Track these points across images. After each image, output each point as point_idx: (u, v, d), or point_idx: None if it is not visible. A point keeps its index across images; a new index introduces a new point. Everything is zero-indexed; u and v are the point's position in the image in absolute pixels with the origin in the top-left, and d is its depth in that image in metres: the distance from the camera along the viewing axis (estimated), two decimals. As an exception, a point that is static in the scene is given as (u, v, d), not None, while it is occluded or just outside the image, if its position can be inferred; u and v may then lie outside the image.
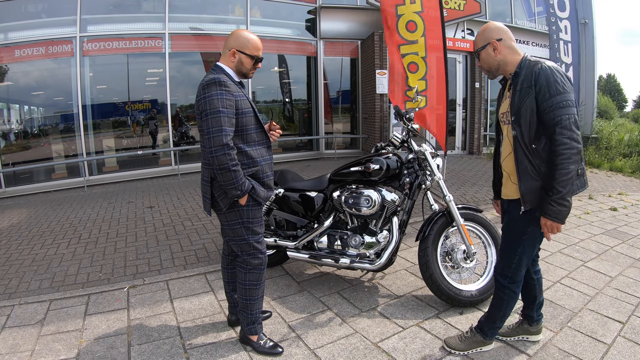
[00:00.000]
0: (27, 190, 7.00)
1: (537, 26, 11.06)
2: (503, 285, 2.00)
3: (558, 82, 1.70)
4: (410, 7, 5.12)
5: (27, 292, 3.02)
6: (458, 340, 2.12)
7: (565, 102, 1.68)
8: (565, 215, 1.73)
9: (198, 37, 8.48)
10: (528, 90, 1.75)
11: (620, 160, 8.19)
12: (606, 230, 4.13)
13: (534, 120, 1.75)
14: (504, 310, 2.03)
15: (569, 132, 1.67)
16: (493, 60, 1.89)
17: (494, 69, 1.91)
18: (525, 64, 1.81)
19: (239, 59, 2.02)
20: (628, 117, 22.14)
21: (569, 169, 1.67)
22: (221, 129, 1.86)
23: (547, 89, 1.70)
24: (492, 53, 1.87)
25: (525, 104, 1.76)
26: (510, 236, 1.96)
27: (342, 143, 10.34)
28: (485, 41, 1.89)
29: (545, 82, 1.70)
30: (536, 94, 1.73)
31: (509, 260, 1.96)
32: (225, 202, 2.01)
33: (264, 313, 2.49)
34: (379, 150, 2.91)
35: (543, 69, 1.73)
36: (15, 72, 7.33)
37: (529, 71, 1.77)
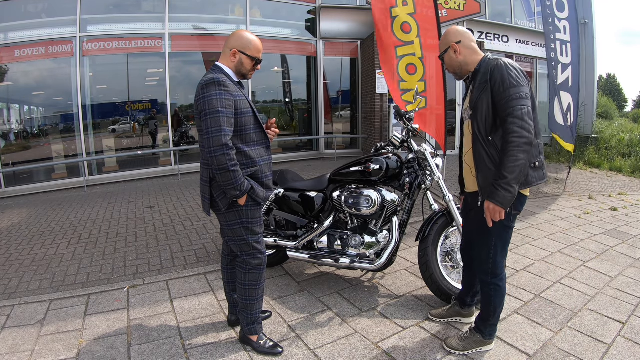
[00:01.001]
0: (27, 190, 7.00)
1: (537, 26, 11.06)
2: (485, 281, 2.06)
3: (512, 76, 1.78)
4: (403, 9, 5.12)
5: (27, 292, 3.02)
6: (458, 340, 2.13)
7: (518, 94, 1.76)
8: (509, 201, 1.79)
9: (198, 37, 8.48)
10: (484, 85, 1.85)
11: (620, 160, 8.19)
12: (606, 230, 4.13)
13: (490, 113, 1.84)
14: (494, 306, 2.06)
15: (520, 121, 1.73)
16: (455, 62, 2.01)
17: (457, 70, 2.03)
18: (484, 62, 1.92)
19: (239, 60, 2.02)
20: (628, 117, 22.13)
21: (517, 157, 1.73)
22: (220, 129, 1.85)
23: (502, 82, 1.78)
24: (454, 55, 2.00)
25: (481, 98, 1.85)
26: (481, 231, 2.00)
27: (342, 143, 10.34)
28: (446, 45, 2.02)
29: (499, 77, 1.79)
30: (492, 88, 1.82)
31: (485, 256, 2.02)
32: (225, 203, 2.00)
33: (264, 313, 2.49)
34: (379, 150, 2.91)
35: (498, 64, 1.83)
36: (15, 72, 7.33)
37: (485, 68, 1.88)
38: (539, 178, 1.89)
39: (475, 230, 2.07)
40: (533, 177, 1.87)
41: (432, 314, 2.45)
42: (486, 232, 1.96)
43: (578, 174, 7.34)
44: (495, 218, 1.84)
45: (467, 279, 2.33)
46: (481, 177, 1.90)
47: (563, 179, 6.44)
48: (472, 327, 2.16)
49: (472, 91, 1.93)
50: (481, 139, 1.88)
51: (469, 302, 2.35)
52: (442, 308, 2.46)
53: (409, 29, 5.16)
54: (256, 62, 2.07)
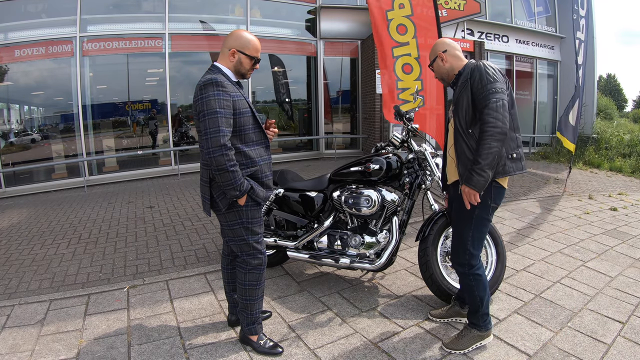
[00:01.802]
0: (27, 190, 7.00)
1: (537, 26, 11.07)
2: (463, 273, 2.12)
3: (489, 73, 1.94)
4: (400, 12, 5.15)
5: (27, 292, 3.02)
6: (456, 340, 2.13)
7: (494, 88, 1.90)
8: (483, 185, 1.93)
9: (198, 37, 8.48)
10: (465, 83, 2.01)
11: (620, 160, 8.19)
12: (606, 230, 4.13)
13: (470, 109, 1.99)
14: (479, 295, 2.09)
15: (494, 112, 1.87)
16: (442, 69, 2.17)
17: (445, 77, 2.19)
18: (467, 66, 2.08)
19: (238, 59, 2.02)
20: (628, 117, 22.14)
21: (490, 145, 1.87)
22: (219, 129, 1.85)
23: (480, 79, 1.94)
24: (441, 63, 2.17)
25: (462, 95, 2.01)
26: (459, 222, 2.12)
27: (342, 143, 10.34)
28: (434, 55, 2.21)
29: (478, 75, 1.95)
30: (471, 86, 1.97)
31: (462, 248, 2.10)
32: (224, 203, 2.00)
33: (264, 313, 2.49)
34: (379, 150, 2.91)
35: (477, 65, 2.00)
36: (15, 72, 7.33)
37: (467, 70, 2.05)
38: (517, 169, 2.02)
39: (455, 222, 2.19)
40: (511, 167, 2.00)
41: (432, 314, 2.46)
42: (463, 223, 2.08)
43: (578, 174, 7.34)
44: (471, 201, 1.98)
45: None
46: (461, 166, 2.04)
47: (563, 179, 6.44)
48: (466, 324, 2.18)
49: (455, 91, 2.10)
50: (462, 131, 2.03)
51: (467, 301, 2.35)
52: (442, 308, 2.47)
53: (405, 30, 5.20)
54: (255, 61, 2.06)
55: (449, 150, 2.22)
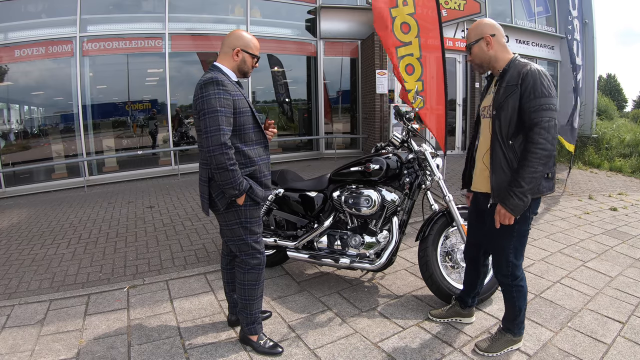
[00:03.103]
0: (27, 190, 7.00)
1: (537, 26, 11.06)
2: (506, 284, 2.04)
3: (544, 85, 1.76)
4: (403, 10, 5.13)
5: (27, 292, 3.02)
6: (490, 342, 2.11)
7: (548, 105, 1.74)
8: (521, 210, 1.81)
9: (198, 37, 8.47)
10: (513, 88, 1.81)
11: (620, 160, 8.19)
12: (606, 230, 4.13)
13: (515, 118, 1.82)
14: (519, 306, 2.05)
15: (546, 133, 1.72)
16: (485, 55, 1.94)
17: (485, 64, 1.97)
18: (514, 64, 1.88)
19: (242, 58, 2.03)
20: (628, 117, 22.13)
21: (536, 169, 1.74)
22: (219, 128, 1.86)
23: (533, 90, 1.76)
24: (485, 48, 1.93)
25: (508, 101, 1.82)
26: (499, 236, 1.98)
27: (342, 143, 10.33)
28: (478, 35, 1.94)
29: (531, 84, 1.76)
30: (521, 94, 1.79)
31: (504, 260, 2.00)
32: (223, 202, 2.01)
33: (264, 313, 2.49)
34: (379, 150, 2.91)
35: (531, 70, 1.79)
36: (15, 72, 7.32)
37: (516, 70, 1.84)
38: (548, 188, 1.90)
39: (491, 233, 2.01)
40: (544, 187, 1.87)
41: (432, 314, 2.45)
42: (504, 235, 1.94)
43: (578, 174, 7.34)
44: (504, 222, 1.86)
45: (469, 279, 2.32)
46: (495, 179, 1.89)
47: (563, 179, 6.44)
48: (501, 328, 2.14)
49: (497, 91, 1.89)
50: (501, 140, 1.86)
51: (470, 303, 2.35)
52: (442, 308, 2.46)
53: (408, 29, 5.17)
54: (256, 59, 2.10)
55: (482, 156, 2.03)
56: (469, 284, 2.33)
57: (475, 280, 2.30)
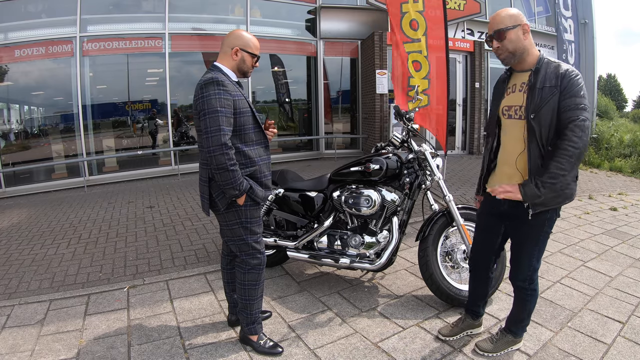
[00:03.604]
0: (27, 190, 7.00)
1: (537, 26, 11.06)
2: (523, 288, 2.00)
3: (581, 86, 1.71)
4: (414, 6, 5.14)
5: (27, 292, 3.02)
6: (490, 343, 2.10)
7: (583, 105, 1.68)
8: (530, 200, 1.75)
9: (198, 37, 8.47)
10: (552, 90, 1.73)
11: (620, 161, 8.19)
12: (606, 230, 4.13)
13: (554, 122, 1.74)
14: (529, 309, 2.05)
15: (580, 132, 1.66)
16: (520, 43, 1.81)
17: (518, 53, 1.82)
18: (545, 62, 1.79)
19: (241, 57, 2.03)
20: (628, 117, 22.15)
21: (565, 166, 1.67)
22: (219, 128, 1.86)
23: (570, 89, 1.70)
24: (522, 36, 1.80)
25: (549, 104, 1.73)
26: (524, 240, 1.93)
27: (342, 143, 10.33)
28: (516, 22, 1.80)
29: (569, 83, 1.70)
30: (560, 94, 1.72)
31: (527, 264, 1.95)
32: (223, 203, 2.01)
33: (264, 313, 2.49)
34: (379, 150, 2.91)
35: (568, 70, 1.74)
36: (15, 72, 7.32)
37: (551, 71, 1.76)
38: (575, 189, 1.85)
39: (518, 238, 1.97)
40: (574, 189, 1.81)
41: (442, 334, 2.25)
42: (532, 238, 1.90)
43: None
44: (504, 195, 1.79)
45: (480, 288, 2.21)
46: None
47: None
48: (502, 329, 2.12)
49: (531, 91, 1.78)
50: (540, 146, 1.77)
51: (481, 312, 2.26)
52: (450, 324, 2.31)
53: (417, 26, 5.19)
54: (256, 59, 2.09)
55: (513, 160, 1.89)
56: (480, 292, 2.22)
57: (487, 287, 2.21)
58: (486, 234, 2.13)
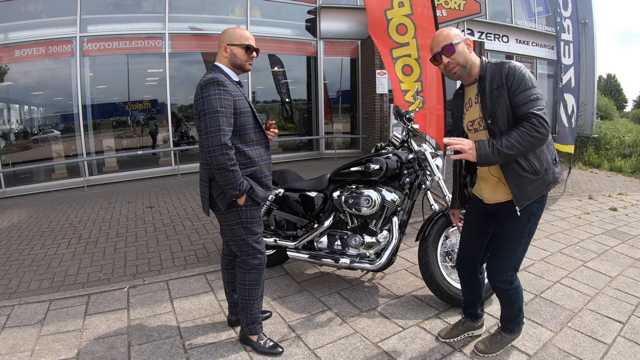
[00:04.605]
0: (27, 190, 7.00)
1: (537, 26, 11.06)
2: (504, 289, 1.98)
3: (526, 77, 1.74)
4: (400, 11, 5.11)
5: (27, 292, 3.02)
6: (488, 344, 2.09)
7: (535, 95, 1.72)
8: (483, 162, 1.74)
9: (198, 37, 8.48)
10: (500, 90, 1.77)
11: (620, 161, 8.19)
12: (606, 230, 4.13)
13: (511, 118, 1.77)
14: (519, 306, 2.03)
15: (539, 119, 1.67)
16: (468, 56, 1.88)
17: (468, 65, 1.88)
18: (488, 67, 1.84)
19: (230, 52, 2.03)
20: (628, 117, 22.16)
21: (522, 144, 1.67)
22: (219, 128, 1.86)
23: (518, 85, 1.73)
24: (467, 49, 1.89)
25: (500, 105, 1.77)
26: (508, 241, 1.93)
27: (342, 143, 10.34)
28: (460, 37, 1.90)
29: (515, 79, 1.74)
30: (508, 92, 1.75)
31: (507, 264, 1.95)
32: (224, 203, 2.01)
33: (264, 313, 2.49)
34: (379, 150, 2.91)
35: (511, 66, 1.77)
36: (15, 72, 7.32)
37: (495, 72, 1.80)
38: (559, 172, 1.87)
39: (502, 236, 1.97)
40: (557, 172, 1.85)
41: (442, 336, 2.24)
42: (516, 235, 1.90)
43: (578, 174, 7.34)
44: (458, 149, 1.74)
45: (474, 291, 2.21)
46: (514, 185, 1.82)
47: (563, 179, 6.44)
48: (499, 329, 2.12)
49: (482, 100, 1.83)
50: None
51: (480, 313, 2.25)
52: (450, 326, 2.29)
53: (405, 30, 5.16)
54: (247, 49, 2.03)
55: (489, 169, 1.93)
56: (474, 295, 2.21)
57: (479, 290, 2.21)
58: (472, 234, 2.12)
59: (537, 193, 1.82)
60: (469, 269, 2.14)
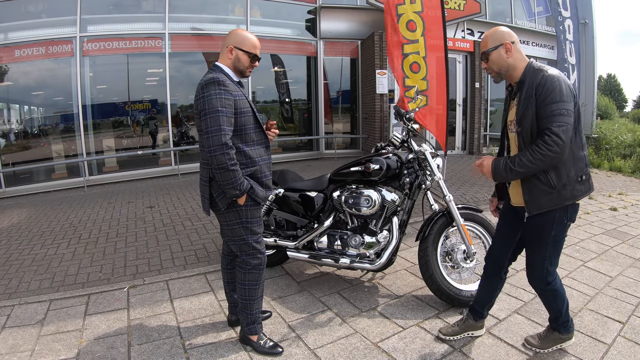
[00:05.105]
0: (27, 190, 7.00)
1: (537, 26, 11.06)
2: (541, 289, 2.04)
3: (556, 90, 1.71)
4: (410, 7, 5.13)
5: (27, 292, 3.02)
6: (539, 340, 2.12)
7: (560, 110, 1.70)
8: (499, 178, 1.87)
9: (198, 37, 8.47)
10: (530, 99, 1.77)
11: (620, 161, 8.19)
12: (606, 230, 4.13)
13: (535, 129, 1.78)
14: (558, 308, 2.05)
15: (555, 137, 1.68)
16: (504, 62, 1.88)
17: (503, 71, 1.91)
18: (530, 71, 1.82)
19: (236, 56, 2.02)
20: (628, 117, 22.16)
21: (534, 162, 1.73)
22: (220, 128, 1.86)
23: (545, 97, 1.72)
24: (505, 55, 1.87)
25: (526, 114, 1.78)
26: (535, 243, 1.97)
27: (342, 143, 10.33)
28: (497, 42, 1.88)
29: (544, 91, 1.73)
30: (536, 103, 1.75)
31: (538, 267, 1.98)
32: (224, 202, 2.01)
33: (264, 313, 2.49)
34: (379, 150, 2.91)
35: (543, 77, 1.75)
36: (15, 72, 7.32)
37: (532, 79, 1.79)
38: (585, 191, 1.88)
39: (528, 241, 2.02)
40: (579, 190, 1.85)
41: (443, 333, 2.26)
42: (541, 241, 1.93)
43: (578, 174, 7.33)
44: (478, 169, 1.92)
45: (491, 290, 2.21)
46: (527, 192, 1.86)
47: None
48: (548, 326, 2.14)
49: (518, 104, 1.85)
50: None
51: (485, 314, 2.25)
52: (452, 324, 2.31)
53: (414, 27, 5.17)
54: (253, 57, 2.05)
55: None
56: (489, 294, 2.21)
57: (496, 291, 2.20)
58: (503, 229, 2.14)
59: (550, 205, 1.83)
60: (495, 262, 2.15)
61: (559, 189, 1.80)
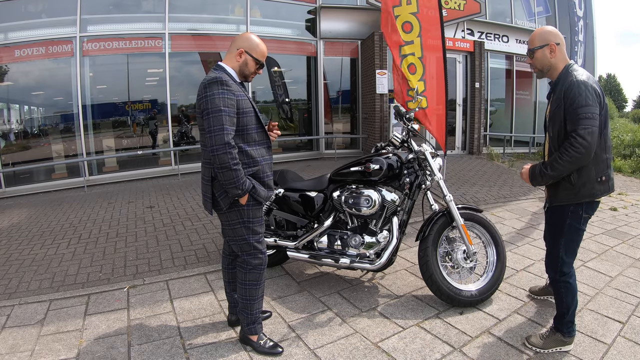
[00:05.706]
0: (27, 190, 7.00)
1: (537, 26, 11.05)
2: (555, 279, 2.13)
3: (582, 94, 1.83)
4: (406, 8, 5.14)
5: (27, 292, 3.02)
6: (540, 339, 2.13)
7: (585, 114, 1.82)
8: (536, 182, 2.06)
9: (198, 37, 8.47)
10: (558, 101, 1.92)
11: (619, 160, 8.19)
12: (606, 230, 4.13)
13: (562, 130, 1.93)
14: (567, 303, 2.08)
15: (581, 139, 1.81)
16: (547, 61, 2.01)
17: (545, 69, 2.05)
18: (564, 74, 1.96)
19: (244, 60, 2.03)
20: (628, 117, 22.17)
21: (563, 164, 1.87)
22: (222, 127, 1.86)
23: (572, 101, 1.85)
24: (548, 55, 2.00)
25: (556, 114, 1.95)
26: (552, 231, 2.15)
27: (342, 143, 10.33)
28: (544, 42, 2.00)
29: (571, 95, 1.86)
30: (564, 106, 1.89)
31: (554, 254, 2.11)
32: (226, 202, 2.01)
33: (264, 313, 2.49)
34: (379, 150, 2.91)
35: (571, 82, 1.88)
36: (15, 72, 7.32)
37: (563, 83, 1.93)
38: (604, 191, 2.00)
39: (547, 232, 2.21)
40: (598, 190, 1.97)
41: (532, 292, 2.65)
42: (557, 230, 2.09)
43: (578, 174, 7.33)
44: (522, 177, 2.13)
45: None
46: (551, 184, 2.04)
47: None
48: (552, 327, 2.16)
49: (551, 103, 2.02)
50: (554, 150, 2.00)
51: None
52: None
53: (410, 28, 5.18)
54: (259, 65, 2.08)
55: None
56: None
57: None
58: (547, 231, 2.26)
59: (567, 200, 2.00)
60: (550, 266, 2.18)
61: (579, 186, 1.95)
